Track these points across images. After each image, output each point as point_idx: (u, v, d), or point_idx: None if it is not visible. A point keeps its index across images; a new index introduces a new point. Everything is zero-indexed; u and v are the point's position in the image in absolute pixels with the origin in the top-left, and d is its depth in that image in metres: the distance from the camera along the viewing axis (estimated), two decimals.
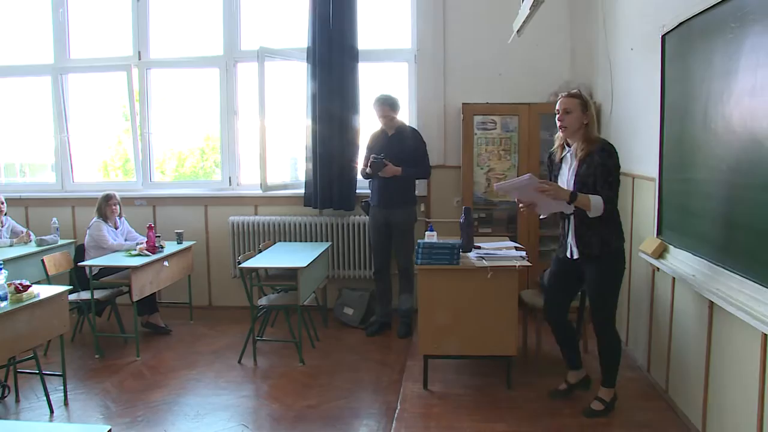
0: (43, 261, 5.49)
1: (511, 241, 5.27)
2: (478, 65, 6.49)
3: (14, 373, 4.71)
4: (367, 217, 6.20)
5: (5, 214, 6.48)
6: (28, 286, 4.20)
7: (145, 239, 5.92)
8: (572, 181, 3.84)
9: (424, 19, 6.56)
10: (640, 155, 4.84)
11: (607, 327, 3.96)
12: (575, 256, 3.95)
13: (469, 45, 6.49)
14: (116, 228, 6.18)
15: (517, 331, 4.59)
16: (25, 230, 6.49)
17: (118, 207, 6.17)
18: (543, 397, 4.38)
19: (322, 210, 6.70)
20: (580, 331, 4.79)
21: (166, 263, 5.93)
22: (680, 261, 3.92)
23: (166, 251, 5.98)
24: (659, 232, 4.32)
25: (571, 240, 3.96)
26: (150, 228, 5.89)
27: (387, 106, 5.82)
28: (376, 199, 5.96)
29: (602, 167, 3.73)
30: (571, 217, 3.93)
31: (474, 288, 4.36)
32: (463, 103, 6.28)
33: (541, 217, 4.21)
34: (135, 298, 5.49)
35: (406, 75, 6.74)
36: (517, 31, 5.10)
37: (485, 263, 4.38)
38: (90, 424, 2.47)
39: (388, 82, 6.83)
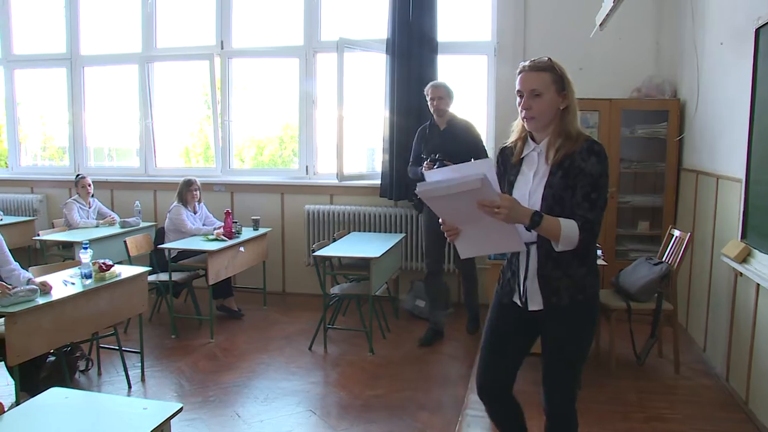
0: (125, 242, 5.69)
1: None
2: (558, 59, 6.33)
3: (97, 348, 4.92)
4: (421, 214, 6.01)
5: (92, 196, 6.75)
6: (111, 266, 4.36)
7: (223, 224, 6.05)
8: (539, 194, 2.51)
9: (505, 11, 6.47)
10: (726, 155, 4.66)
11: (568, 407, 2.72)
12: (535, 306, 2.61)
13: (550, 38, 6.35)
14: (195, 213, 6.35)
15: None
16: (111, 214, 6.76)
17: (198, 192, 6.33)
18: (614, 400, 4.27)
19: (397, 201, 6.70)
20: (655, 334, 4.66)
21: (242, 249, 6.05)
22: (766, 266, 3.75)
23: (243, 237, 6.10)
24: (744, 236, 4.14)
25: (529, 282, 2.60)
26: (227, 214, 6.02)
27: (442, 88, 5.47)
28: None
29: (587, 177, 2.44)
30: (533, 249, 2.57)
31: None
32: None
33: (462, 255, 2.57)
34: (211, 282, 5.62)
35: (486, 68, 6.66)
36: (600, 24, 4.98)
37: None
38: (164, 401, 2.58)
39: (467, 75, 6.77)
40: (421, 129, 5.65)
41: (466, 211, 2.33)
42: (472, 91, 6.76)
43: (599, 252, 4.52)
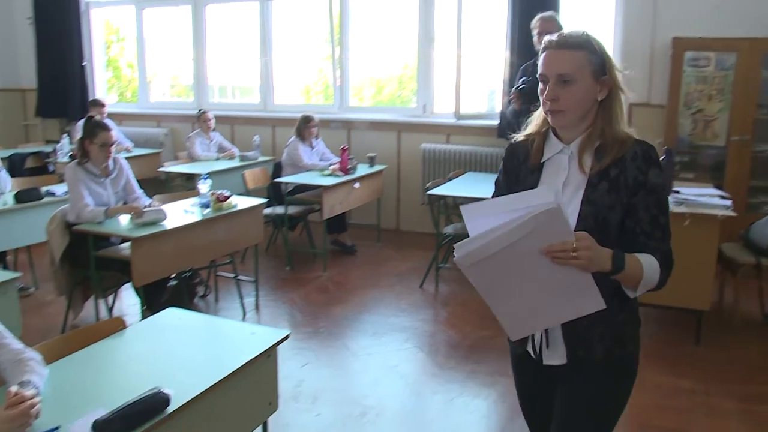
0: (243, 175, 5.85)
1: (717, 188, 4.82)
2: None
3: (215, 275, 5.13)
4: None
5: (214, 130, 6.96)
6: (228, 197, 4.48)
7: (339, 160, 6.09)
8: (573, 213, 1.78)
9: None
10: None
11: None
12: (554, 361, 1.89)
13: None
14: (312, 148, 6.42)
15: (713, 285, 4.24)
16: (231, 148, 6.95)
17: (315, 129, 6.38)
18: (734, 360, 4.03)
19: None
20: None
21: (357, 185, 6.08)
22: None
23: (358, 173, 6.13)
24: None
25: (549, 330, 1.88)
26: (344, 150, 6.05)
27: (553, 22, 4.97)
28: None
29: (650, 195, 1.79)
30: None
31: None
32: (673, 37, 5.75)
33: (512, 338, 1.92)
34: (325, 216, 5.71)
35: (612, 4, 6.26)
36: None
37: (684, 209, 4.06)
38: (272, 328, 2.64)
39: (592, 13, 6.41)
40: (524, 67, 5.32)
41: (523, 269, 1.62)
42: (596, 31, 6.41)
43: (729, 202, 4.21)
